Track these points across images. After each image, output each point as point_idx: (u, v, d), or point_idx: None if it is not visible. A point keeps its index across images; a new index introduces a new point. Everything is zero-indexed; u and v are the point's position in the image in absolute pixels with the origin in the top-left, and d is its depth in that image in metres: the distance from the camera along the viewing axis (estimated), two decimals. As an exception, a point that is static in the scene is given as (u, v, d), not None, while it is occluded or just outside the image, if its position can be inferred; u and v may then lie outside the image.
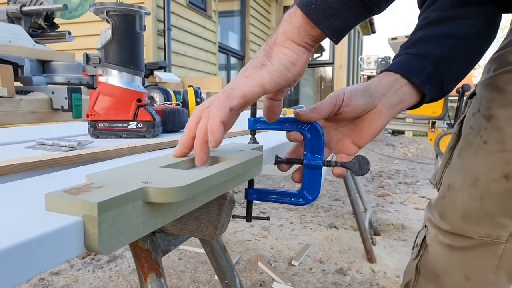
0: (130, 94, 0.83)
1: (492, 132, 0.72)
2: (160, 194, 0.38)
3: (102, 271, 1.81)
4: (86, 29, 4.01)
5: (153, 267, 0.61)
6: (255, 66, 0.50)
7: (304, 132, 0.59)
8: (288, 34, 0.50)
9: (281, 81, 0.51)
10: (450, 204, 0.77)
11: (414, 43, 0.68)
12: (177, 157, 0.52)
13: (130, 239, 0.37)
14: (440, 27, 0.68)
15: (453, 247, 0.76)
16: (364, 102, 0.60)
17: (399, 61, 0.66)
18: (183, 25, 4.98)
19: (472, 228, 0.73)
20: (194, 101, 1.41)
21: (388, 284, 1.76)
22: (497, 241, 0.72)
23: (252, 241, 2.23)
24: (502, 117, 0.71)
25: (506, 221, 0.71)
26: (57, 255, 0.32)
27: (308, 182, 0.61)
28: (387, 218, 2.70)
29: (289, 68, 0.51)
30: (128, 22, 0.82)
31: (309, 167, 0.60)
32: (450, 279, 0.76)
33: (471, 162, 0.75)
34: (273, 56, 0.50)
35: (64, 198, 0.34)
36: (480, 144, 0.73)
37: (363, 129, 0.62)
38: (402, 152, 6.52)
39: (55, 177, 0.47)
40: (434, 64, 0.64)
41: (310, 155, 0.60)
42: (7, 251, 0.27)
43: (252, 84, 0.49)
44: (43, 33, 2.05)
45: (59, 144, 0.67)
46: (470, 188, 0.74)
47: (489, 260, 0.73)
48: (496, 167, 0.71)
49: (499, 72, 0.72)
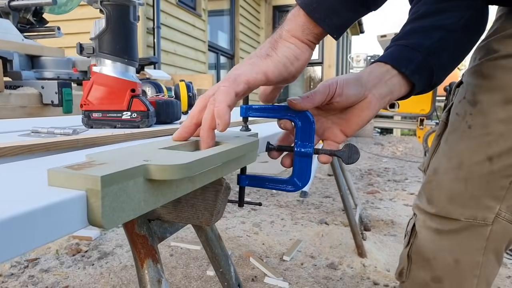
0: (124, 84, 0.83)
1: (477, 116, 0.74)
2: (161, 171, 0.38)
3: (93, 268, 1.80)
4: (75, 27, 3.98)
5: (150, 253, 0.61)
6: (260, 56, 0.52)
7: (295, 120, 0.60)
8: (293, 32, 0.53)
9: (283, 72, 0.53)
10: (436, 187, 0.79)
11: (404, 35, 0.70)
12: (176, 141, 0.53)
13: (132, 215, 0.37)
14: (429, 20, 0.70)
15: (441, 231, 0.77)
16: (355, 92, 0.61)
17: (390, 52, 0.68)
18: (173, 24, 4.96)
19: (458, 210, 0.75)
20: (186, 95, 1.41)
21: (378, 277, 1.78)
22: (483, 223, 0.73)
23: (244, 237, 2.24)
24: (487, 102, 0.73)
25: (491, 202, 0.73)
26: (61, 227, 0.32)
27: (299, 169, 0.61)
28: (377, 214, 2.72)
29: (292, 61, 0.53)
30: (122, 12, 0.82)
31: (300, 154, 0.61)
32: (441, 263, 0.77)
33: (456, 146, 0.77)
34: (279, 49, 0.52)
35: (67, 173, 0.34)
36: (465, 128, 0.75)
37: (352, 118, 0.63)
38: (390, 151, 6.58)
39: (53, 159, 0.47)
40: (423, 55, 0.66)
41: (300, 142, 0.60)
42: (12, 220, 0.27)
43: (257, 71, 0.51)
44: (32, 28, 2.03)
45: (54, 132, 0.67)
46: (455, 171, 0.76)
47: (477, 242, 0.74)
48: (479, 149, 0.73)
49: (484, 60, 0.74)
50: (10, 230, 0.27)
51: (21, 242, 0.28)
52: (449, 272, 0.77)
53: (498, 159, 0.72)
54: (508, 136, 0.71)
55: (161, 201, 0.42)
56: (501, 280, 1.78)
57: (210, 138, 0.50)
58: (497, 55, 0.72)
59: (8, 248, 0.27)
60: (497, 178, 0.72)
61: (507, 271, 1.86)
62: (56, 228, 0.31)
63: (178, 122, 0.99)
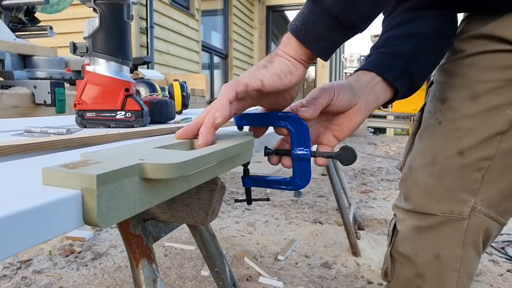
0: (118, 84, 0.83)
1: (446, 113, 0.77)
2: (156, 170, 0.38)
3: (86, 269, 1.79)
4: (68, 27, 3.96)
5: (145, 253, 0.61)
6: (259, 67, 0.57)
7: (288, 127, 0.61)
8: (287, 52, 0.57)
9: (278, 82, 0.56)
10: (411, 184, 0.81)
11: (383, 43, 0.74)
12: (178, 139, 0.53)
13: (127, 214, 0.37)
14: (404, 28, 0.74)
15: (420, 228, 0.79)
16: (349, 98, 0.63)
17: (372, 60, 0.71)
18: (166, 23, 4.95)
19: (434, 205, 0.77)
20: (180, 95, 1.41)
21: (372, 276, 1.79)
22: (460, 217, 0.75)
23: (238, 237, 2.24)
24: (455, 98, 0.76)
25: (465, 196, 0.75)
26: (56, 226, 0.31)
27: (298, 171, 0.63)
28: (371, 214, 2.73)
29: (286, 74, 0.57)
30: (116, 11, 0.81)
31: (297, 158, 0.62)
32: (422, 259, 0.79)
33: (429, 142, 0.80)
34: (275, 63, 0.57)
35: (62, 172, 0.34)
36: (436, 125, 0.79)
37: (344, 124, 0.65)
38: (384, 151, 6.60)
39: (47, 158, 0.47)
40: (404, 61, 0.69)
41: (296, 147, 0.61)
42: (6, 219, 0.27)
43: (255, 77, 0.55)
44: (23, 27, 2.01)
45: (47, 132, 0.66)
46: (429, 167, 0.78)
47: (455, 236, 0.76)
48: (450, 144, 0.76)
49: (451, 59, 0.79)
50: (4, 229, 0.27)
51: (16, 242, 0.28)
52: (430, 268, 0.78)
53: (469, 153, 0.74)
54: (477, 131, 0.74)
55: (156, 200, 0.42)
56: (494, 278, 1.79)
57: (210, 134, 0.52)
58: (463, 54, 0.76)
59: (2, 248, 0.27)
60: (470, 171, 0.75)
61: (499, 269, 1.88)
62: (51, 227, 0.31)
63: (172, 122, 0.98)
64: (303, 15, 0.56)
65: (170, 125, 0.80)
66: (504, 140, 0.73)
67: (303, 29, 0.55)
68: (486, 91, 0.73)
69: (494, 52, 0.73)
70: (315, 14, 0.55)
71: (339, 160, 0.62)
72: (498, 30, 0.72)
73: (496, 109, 0.73)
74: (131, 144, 0.49)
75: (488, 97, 0.73)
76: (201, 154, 0.44)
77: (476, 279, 1.77)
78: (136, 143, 0.50)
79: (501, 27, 0.71)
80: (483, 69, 0.74)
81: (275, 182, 0.66)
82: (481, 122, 0.74)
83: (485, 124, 0.73)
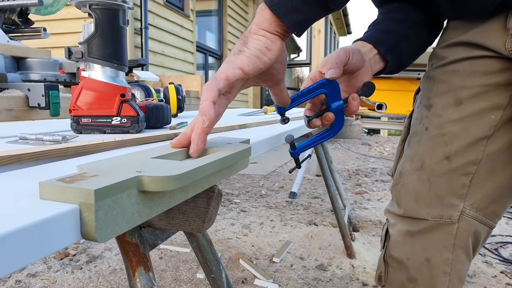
0: (113, 89, 0.82)
1: (432, 118, 0.79)
2: (154, 182, 0.38)
3: (81, 272, 1.78)
4: (61, 27, 3.94)
5: (142, 261, 0.61)
6: (234, 53, 0.55)
7: (325, 92, 0.71)
8: (261, 25, 0.56)
9: (258, 63, 0.55)
10: (402, 189, 0.83)
11: (379, 22, 0.84)
12: (173, 148, 0.53)
13: (125, 228, 0.37)
14: (397, 13, 0.83)
15: (411, 232, 0.81)
16: (361, 59, 0.73)
17: (369, 34, 0.81)
18: (161, 24, 4.93)
19: (424, 210, 0.79)
20: (175, 98, 1.40)
21: (367, 278, 1.79)
22: (449, 221, 0.77)
23: (233, 239, 2.23)
24: (439, 104, 0.79)
25: (454, 200, 0.77)
26: (54, 242, 0.31)
27: (337, 120, 0.74)
28: (365, 215, 2.74)
29: (264, 52, 0.55)
30: (111, 16, 0.81)
31: (336, 110, 0.73)
32: (413, 264, 0.81)
33: (416, 148, 0.82)
34: (249, 43, 0.55)
35: (60, 186, 0.34)
36: (423, 131, 0.81)
37: (355, 82, 0.76)
38: (378, 151, 6.63)
39: (43, 169, 0.46)
40: (395, 39, 0.79)
41: (333, 103, 0.72)
42: (5, 237, 0.27)
43: (233, 67, 0.53)
44: (17, 29, 2.00)
45: (42, 139, 0.66)
46: (418, 172, 0.80)
47: (445, 240, 0.78)
48: (437, 149, 0.78)
49: (435, 66, 0.81)
50: (3, 247, 0.27)
51: (15, 259, 0.28)
52: (422, 272, 0.80)
53: (455, 158, 0.76)
54: (462, 136, 0.75)
55: (154, 212, 0.41)
56: (487, 280, 1.80)
57: (201, 141, 0.52)
58: (445, 61, 0.79)
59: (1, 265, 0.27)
60: (457, 176, 0.76)
61: (493, 270, 1.89)
62: (49, 243, 0.31)
63: (168, 127, 0.98)
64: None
65: (167, 131, 0.80)
66: (489, 145, 0.75)
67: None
68: (469, 96, 0.75)
69: (475, 58, 0.75)
70: None
71: (365, 94, 0.77)
72: (478, 38, 0.74)
73: (479, 114, 0.75)
74: (128, 154, 0.49)
75: (472, 102, 0.75)
76: (199, 164, 0.44)
77: (470, 281, 1.78)
78: (132, 153, 0.50)
79: (481, 35, 0.74)
80: (465, 75, 0.76)
81: (318, 139, 0.77)
82: (466, 127, 0.75)
83: (469, 129, 0.75)
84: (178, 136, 0.54)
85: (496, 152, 0.75)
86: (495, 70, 0.73)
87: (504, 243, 2.22)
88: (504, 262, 1.98)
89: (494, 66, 0.73)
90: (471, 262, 0.84)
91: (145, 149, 0.54)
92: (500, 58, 0.72)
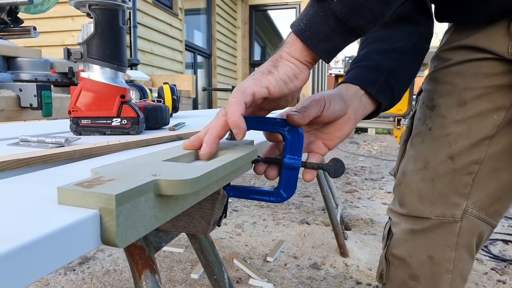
0: (113, 90, 0.82)
1: (435, 119, 0.80)
2: (171, 186, 0.38)
3: (74, 274, 1.76)
4: (48, 25, 3.88)
5: (147, 264, 0.61)
6: (263, 72, 0.56)
7: (285, 134, 0.60)
8: (292, 54, 0.57)
9: (284, 88, 0.56)
10: (405, 188, 0.84)
11: (363, 58, 0.75)
12: (185, 149, 0.53)
13: (143, 232, 0.37)
14: (382, 44, 0.77)
15: (414, 231, 0.82)
16: (340, 108, 0.64)
17: (354, 73, 0.72)
18: (149, 23, 4.90)
19: (428, 209, 0.80)
20: (170, 98, 1.39)
21: (361, 276, 1.81)
22: (452, 220, 0.78)
23: (226, 239, 2.23)
24: (443, 105, 0.79)
25: (457, 199, 0.78)
26: (75, 249, 0.31)
27: (285, 181, 0.61)
28: (356, 214, 2.76)
29: (291, 79, 0.57)
30: (111, 16, 0.80)
31: (288, 167, 0.61)
32: (416, 261, 0.82)
33: (420, 148, 0.82)
34: (280, 67, 0.56)
35: (79, 191, 0.33)
36: (426, 131, 0.82)
37: (335, 132, 0.66)
38: (366, 150, 6.68)
39: (52, 172, 0.46)
40: (384, 75, 0.71)
41: (289, 156, 0.60)
42: (30, 246, 0.27)
43: (261, 85, 0.54)
44: (6, 28, 1.96)
45: (44, 141, 0.65)
46: (422, 172, 0.81)
47: (448, 238, 0.79)
48: (441, 149, 0.79)
49: (438, 68, 0.82)
50: (28, 256, 0.27)
51: (39, 268, 0.28)
52: (424, 269, 0.81)
53: (458, 158, 0.77)
54: (465, 136, 0.77)
55: (169, 215, 0.41)
56: (478, 277, 1.83)
57: (214, 144, 0.52)
58: (449, 63, 0.79)
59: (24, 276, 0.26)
60: (460, 175, 0.78)
61: (483, 268, 1.92)
62: (70, 250, 0.30)
63: (167, 127, 0.98)
64: (307, 16, 0.56)
65: (168, 133, 0.79)
66: (492, 145, 0.76)
67: (307, 30, 0.55)
68: (473, 97, 0.76)
69: (479, 60, 0.76)
70: (320, 16, 0.54)
71: (328, 172, 0.62)
72: (481, 42, 0.75)
73: (483, 114, 0.76)
74: (139, 157, 0.49)
75: (475, 103, 0.76)
76: (212, 168, 0.44)
77: (462, 278, 1.81)
78: (143, 156, 0.49)
79: (484, 39, 0.75)
80: (469, 77, 0.77)
81: (258, 193, 0.63)
82: (469, 127, 0.77)
83: (473, 129, 0.76)
84: (191, 139, 0.54)
85: (499, 152, 0.76)
86: (498, 72, 0.74)
87: (494, 240, 2.26)
88: (494, 259, 2.01)
89: (497, 68, 0.74)
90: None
91: (153, 151, 0.53)
92: (503, 61, 0.74)
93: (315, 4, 0.55)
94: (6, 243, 0.25)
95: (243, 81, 0.56)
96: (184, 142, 0.54)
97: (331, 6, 0.53)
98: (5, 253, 0.24)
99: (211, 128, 0.52)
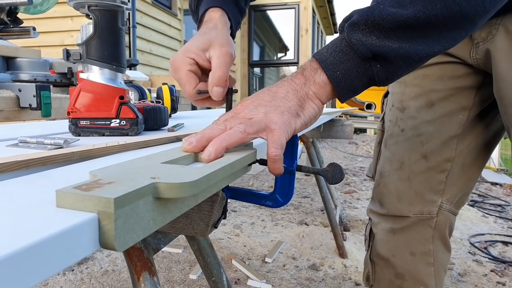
0: (112, 91, 0.81)
1: (407, 121, 0.84)
2: (170, 189, 0.38)
3: (73, 274, 1.76)
4: (48, 26, 3.88)
5: (146, 266, 0.60)
6: (291, 113, 0.56)
7: None
8: (319, 95, 0.58)
9: (304, 129, 0.60)
10: (384, 189, 0.87)
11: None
12: (185, 152, 0.52)
13: (141, 235, 0.37)
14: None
15: (395, 230, 0.85)
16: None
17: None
18: (148, 23, 4.89)
19: (406, 207, 0.83)
20: (169, 99, 1.39)
21: (360, 278, 1.81)
22: (429, 216, 0.83)
23: (225, 239, 2.23)
24: (413, 107, 0.84)
25: (433, 197, 0.82)
26: (74, 253, 0.31)
27: (281, 185, 0.61)
28: (355, 214, 2.76)
29: (312, 121, 0.60)
30: (110, 17, 0.80)
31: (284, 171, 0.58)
32: (399, 259, 0.85)
33: (395, 149, 0.86)
34: (306, 110, 0.58)
35: (77, 194, 0.33)
36: (399, 132, 0.85)
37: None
38: (365, 150, 6.68)
39: (50, 174, 0.46)
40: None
41: (285, 160, 0.59)
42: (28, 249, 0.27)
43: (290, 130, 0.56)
44: (5, 28, 1.96)
45: (43, 142, 0.65)
46: (398, 172, 0.85)
47: (426, 233, 0.83)
48: (414, 149, 0.83)
49: None
50: (27, 260, 0.26)
51: (37, 273, 0.28)
52: (408, 266, 0.84)
53: (432, 156, 0.81)
54: (436, 135, 0.81)
55: (168, 218, 0.41)
56: (478, 278, 1.83)
57: (221, 154, 0.52)
58: None
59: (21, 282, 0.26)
60: (435, 173, 0.82)
61: (483, 269, 1.92)
62: (69, 254, 0.30)
63: (166, 128, 0.97)
64: (345, 67, 0.55)
65: (166, 134, 0.79)
66: (460, 142, 0.81)
67: (343, 80, 0.56)
68: (440, 99, 0.81)
69: (444, 63, 0.80)
70: (358, 72, 0.55)
71: (325, 178, 0.58)
72: None
73: (450, 114, 0.80)
74: (137, 159, 0.49)
75: (442, 104, 0.81)
76: (212, 170, 0.44)
77: (461, 280, 1.81)
78: (141, 158, 0.49)
79: None
80: (434, 79, 0.81)
81: (255, 196, 0.63)
82: (439, 127, 0.81)
83: (442, 128, 0.81)
84: (191, 141, 0.53)
85: (466, 148, 0.81)
86: (461, 74, 0.79)
87: (493, 242, 2.26)
88: (494, 260, 2.01)
89: (460, 71, 0.79)
90: (462, 261, 0.90)
91: (152, 153, 0.53)
92: (465, 64, 0.78)
93: (355, 58, 0.55)
94: (3, 247, 0.25)
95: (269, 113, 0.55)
96: (183, 143, 0.54)
97: (373, 69, 0.54)
98: (2, 258, 0.24)
99: (225, 139, 0.51)
